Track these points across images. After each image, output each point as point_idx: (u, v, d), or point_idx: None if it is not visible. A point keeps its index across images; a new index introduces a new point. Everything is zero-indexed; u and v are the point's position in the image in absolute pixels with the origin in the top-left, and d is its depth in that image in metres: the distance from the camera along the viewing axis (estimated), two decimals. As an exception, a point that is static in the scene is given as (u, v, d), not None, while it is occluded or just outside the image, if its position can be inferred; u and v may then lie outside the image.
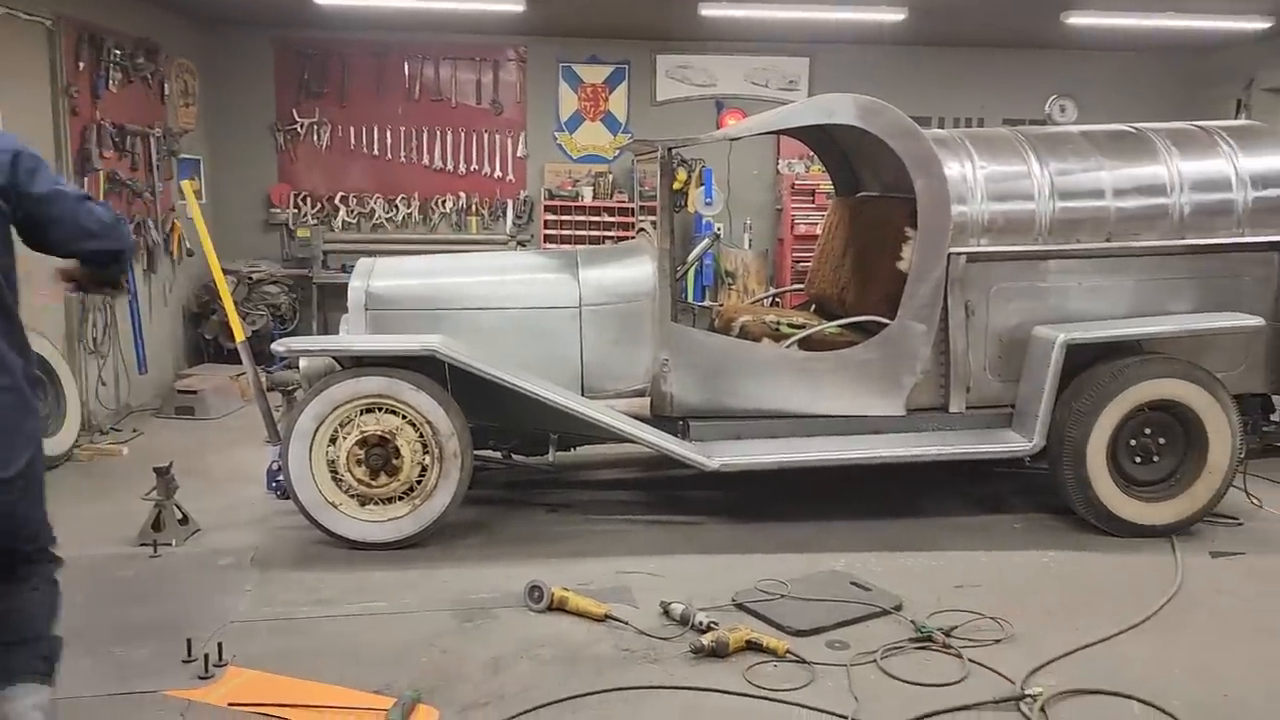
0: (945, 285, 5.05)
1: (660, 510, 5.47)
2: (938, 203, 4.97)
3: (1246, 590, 4.41)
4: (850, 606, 4.12)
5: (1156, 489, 5.02)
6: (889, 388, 5.11)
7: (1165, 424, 5.00)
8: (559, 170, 9.23)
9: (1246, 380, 5.28)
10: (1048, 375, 4.91)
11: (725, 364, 5.08)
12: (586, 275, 5.17)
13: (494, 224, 9.23)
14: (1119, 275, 5.19)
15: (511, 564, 4.59)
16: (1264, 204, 5.19)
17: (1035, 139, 5.31)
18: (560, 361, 5.13)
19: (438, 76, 9.10)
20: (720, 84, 9.22)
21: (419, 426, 4.70)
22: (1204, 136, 5.36)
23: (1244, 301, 5.22)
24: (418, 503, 4.73)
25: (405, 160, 9.13)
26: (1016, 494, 5.67)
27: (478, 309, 5.18)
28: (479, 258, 6.00)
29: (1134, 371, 4.91)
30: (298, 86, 9.03)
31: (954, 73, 9.31)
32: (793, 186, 8.99)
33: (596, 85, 9.22)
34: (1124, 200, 5.14)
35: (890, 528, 5.13)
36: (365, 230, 9.18)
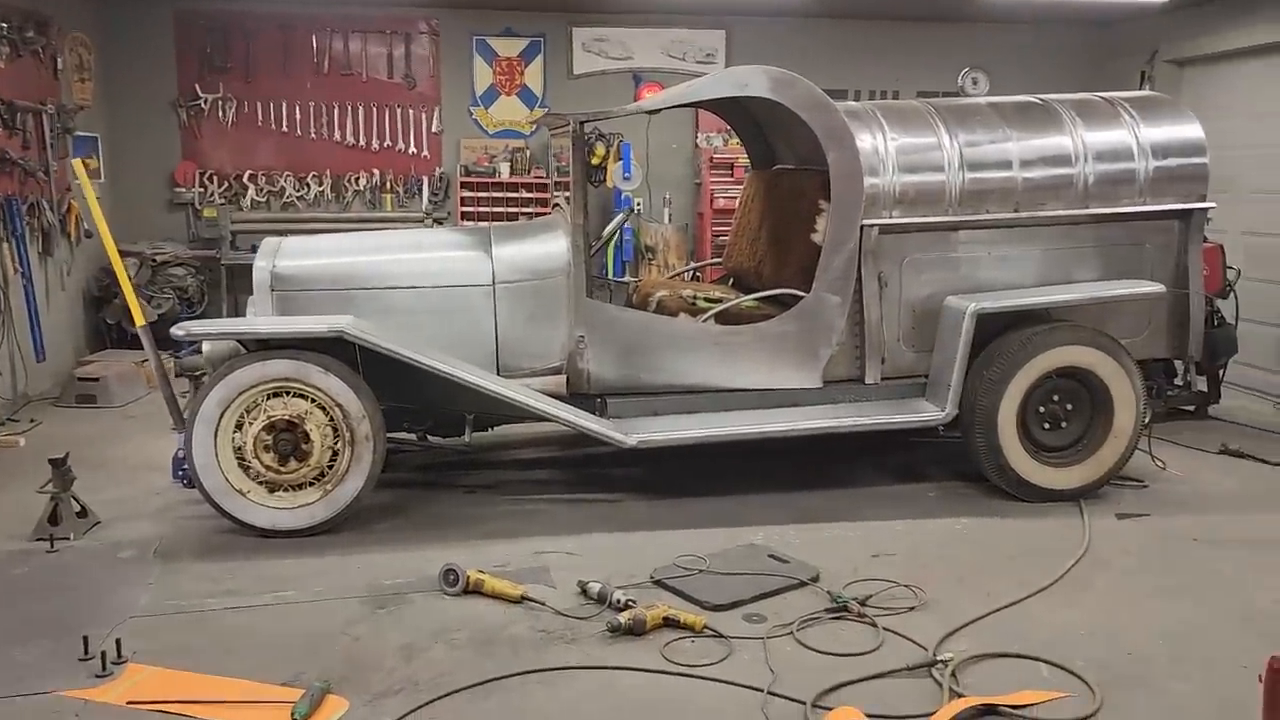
0: (859, 257, 5.08)
1: (579, 489, 5.43)
2: (850, 175, 4.98)
3: (1150, 551, 4.54)
4: (768, 579, 4.13)
5: (1065, 454, 5.13)
6: (805, 360, 5.13)
7: (1073, 390, 5.11)
8: (475, 146, 9.06)
9: (1150, 346, 5.43)
10: (959, 345, 4.98)
11: (642, 340, 5.04)
12: (500, 252, 5.08)
13: (409, 201, 9.04)
14: (1027, 245, 5.27)
15: (427, 548, 4.51)
16: (1164, 173, 5.31)
17: (945, 111, 5.36)
18: (475, 340, 5.04)
19: (347, 50, 8.85)
20: (637, 57, 9.14)
21: (329, 410, 4.58)
22: (1107, 107, 5.45)
23: (1147, 269, 5.36)
24: (329, 488, 4.61)
25: (316, 136, 8.88)
26: (932, 462, 5.75)
27: (389, 288, 5.05)
28: (390, 235, 5.86)
29: (1042, 339, 5.00)
30: (201, 61, 8.70)
31: (869, 46, 9.36)
32: (711, 160, 8.97)
33: (512, 59, 9.06)
34: (1031, 171, 5.22)
35: (808, 499, 5.16)
36: (275, 209, 8.91)
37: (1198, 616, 3.87)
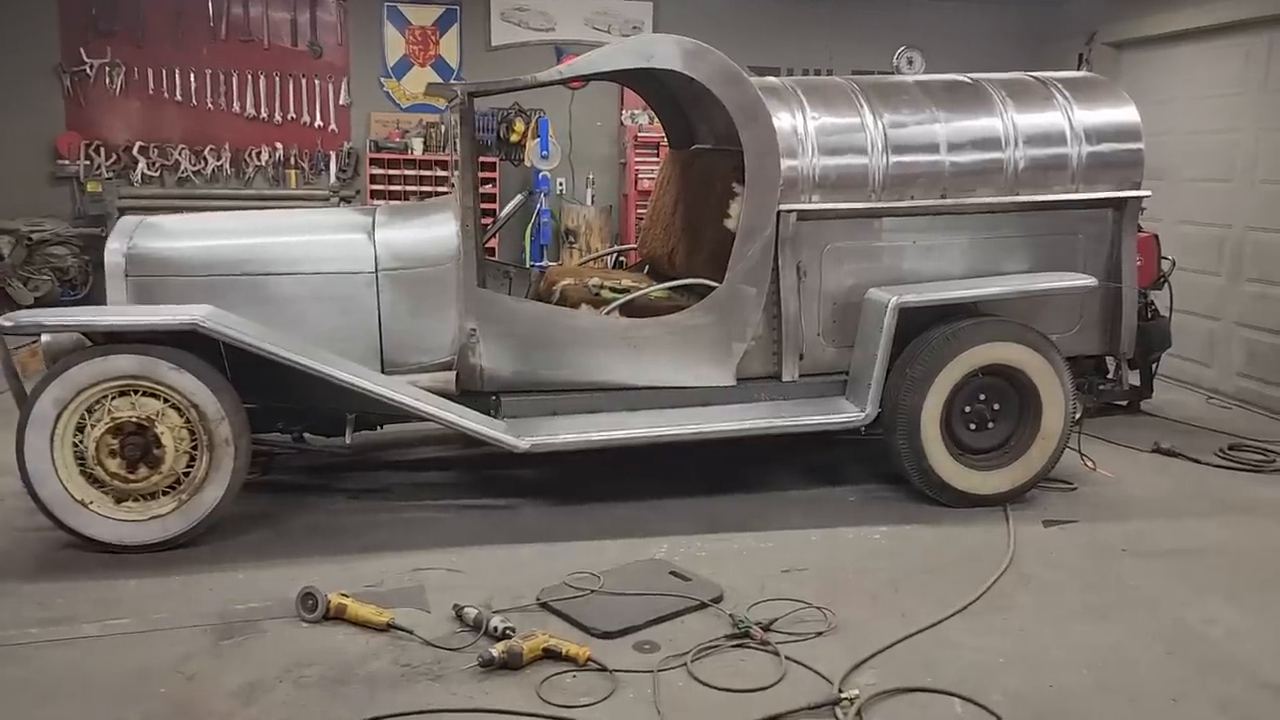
0: (776, 245, 4.71)
1: (471, 493, 5.01)
2: (766, 156, 4.61)
3: (1076, 563, 4.26)
4: (666, 600, 3.76)
5: (991, 457, 4.84)
6: (718, 356, 4.76)
7: (1000, 389, 4.81)
8: (386, 120, 8.55)
9: (1081, 342, 5.15)
10: (881, 341, 4.64)
11: (540, 333, 4.63)
12: (383, 236, 4.63)
13: (315, 178, 8.51)
14: (954, 234, 4.95)
15: (293, 564, 4.07)
16: (1099, 159, 5.01)
17: (869, 89, 5.00)
18: (356, 332, 4.59)
19: (247, 14, 8.27)
20: (560, 28, 8.68)
21: (184, 411, 4.11)
22: (1040, 88, 5.14)
23: (1079, 260, 5.07)
24: (184, 497, 4.14)
25: (214, 107, 8.29)
26: (852, 462, 5.43)
27: (261, 275, 4.58)
28: (263, 216, 5.37)
29: (967, 335, 4.68)
30: (86, 24, 8.06)
31: (803, 22, 9.01)
32: (636, 139, 8.55)
33: (426, 28, 8.54)
34: (959, 155, 4.89)
35: (717, 505, 4.81)
36: (169, 185, 8.33)
37: (1125, 641, 3.58)
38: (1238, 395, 7.02)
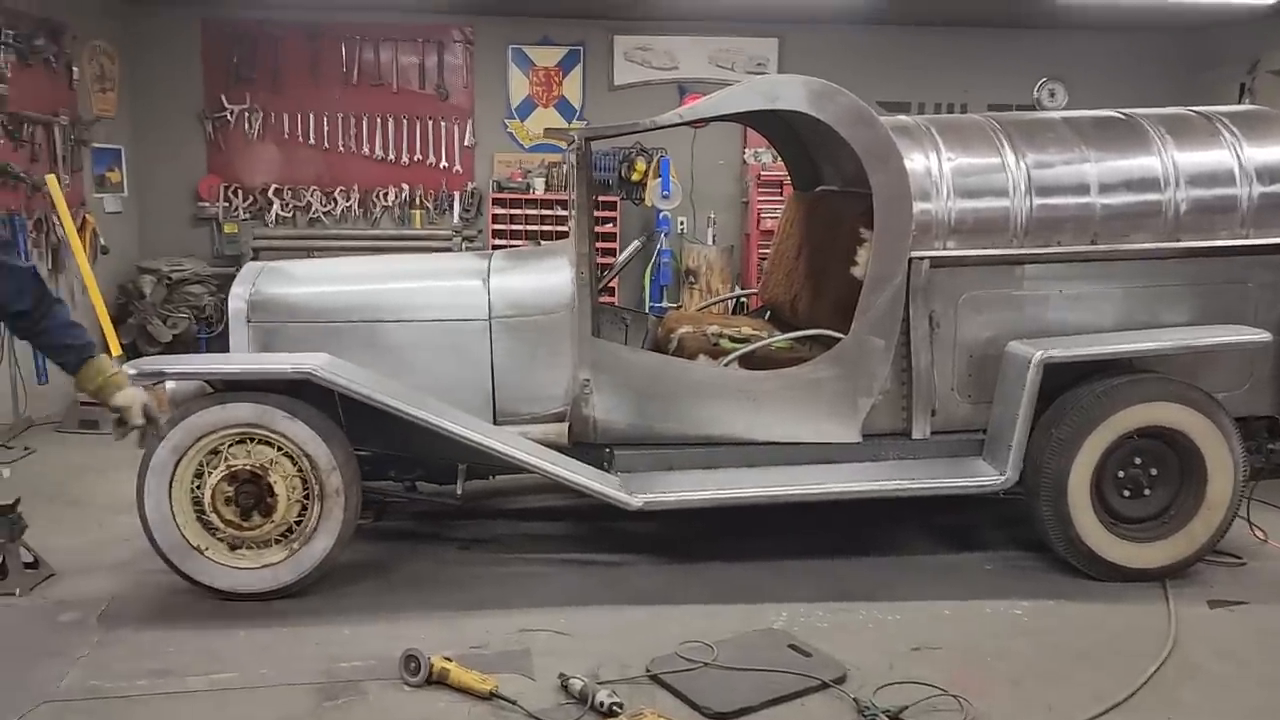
0: (906, 294, 4.42)
1: (581, 547, 4.84)
2: (897, 200, 4.33)
3: (1249, 652, 3.80)
4: (784, 679, 3.49)
5: (1147, 527, 4.40)
6: (842, 411, 4.48)
7: (1158, 453, 4.38)
8: (509, 160, 8.57)
9: (1250, 402, 4.66)
10: (1023, 398, 4.28)
11: (655, 385, 4.45)
12: (498, 282, 4.54)
13: (439, 218, 8.59)
14: (1105, 282, 4.55)
15: (399, 620, 3.97)
16: (1271, 200, 4.55)
17: (1011, 126, 4.67)
18: (469, 381, 4.51)
19: (378, 59, 8.44)
20: (683, 67, 8.56)
21: (296, 460, 4.08)
22: (1203, 124, 4.71)
23: (1248, 312, 4.59)
24: (295, 547, 4.11)
25: (344, 150, 8.48)
26: (989, 525, 5.05)
27: (376, 321, 4.55)
28: (380, 262, 5.37)
29: (1122, 394, 4.28)
30: (227, 71, 8.37)
31: (935, 55, 8.65)
32: (759, 178, 8.34)
33: (549, 69, 8.55)
34: (1111, 197, 4.50)
35: (842, 570, 4.51)
36: (301, 225, 8.53)
37: (1313, 753, 3.14)
38: None
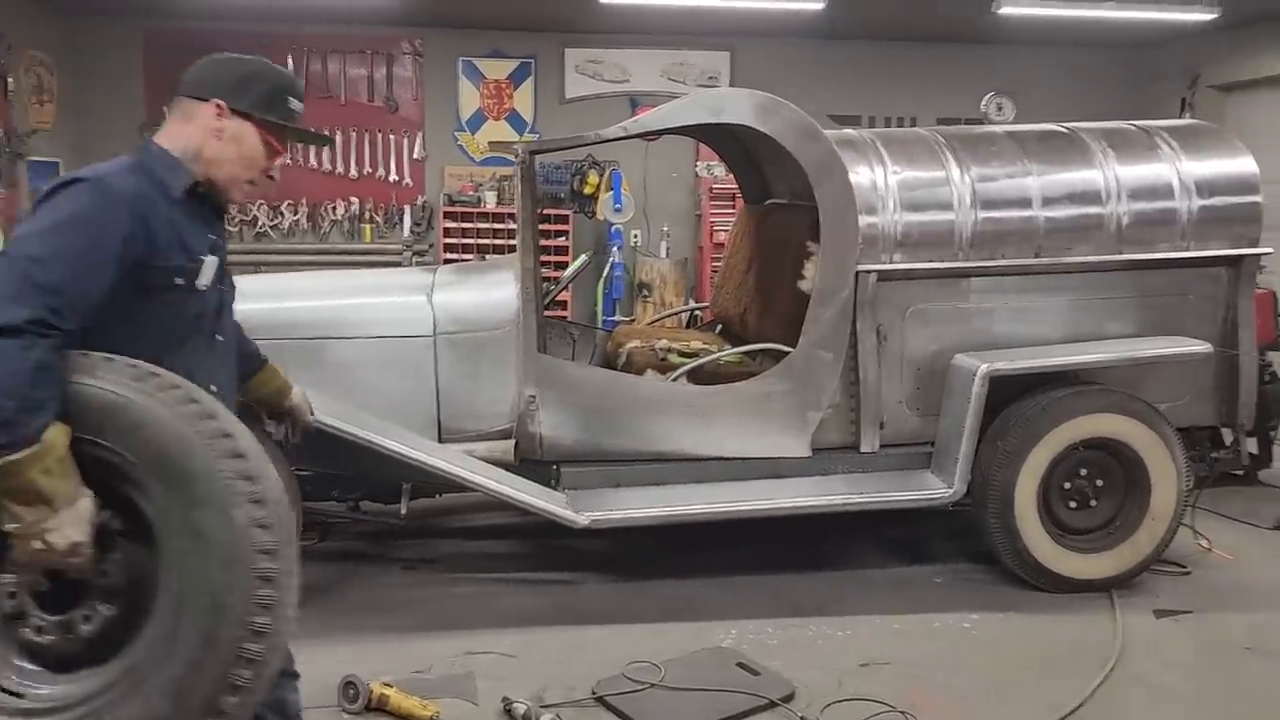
0: (854, 307, 4.42)
1: (528, 566, 4.78)
2: (842, 213, 4.33)
3: (1194, 663, 3.82)
4: (732, 698, 3.45)
5: (1094, 538, 4.42)
6: (792, 425, 4.46)
7: (1103, 464, 4.40)
8: (460, 173, 8.50)
9: (1193, 412, 4.70)
10: (969, 411, 4.29)
11: (602, 401, 4.40)
12: (442, 298, 4.47)
13: (390, 232, 8.49)
14: (1050, 295, 4.58)
15: (339, 645, 3.87)
16: (1211, 213, 4.61)
17: (955, 140, 4.69)
18: (413, 399, 4.42)
19: (325, 71, 8.34)
20: (634, 80, 8.56)
21: (233, 481, 3.96)
22: (1143, 138, 4.77)
23: (1189, 323, 4.64)
24: (232, 571, 3.99)
25: (291, 163, 8.35)
26: (938, 538, 5.06)
27: (317, 338, 4.44)
28: (323, 277, 5.28)
29: (1066, 406, 4.30)
30: (171, 82, 8.13)
31: (885, 69, 8.72)
32: (711, 190, 8.34)
33: (500, 81, 8.51)
34: (1054, 210, 4.53)
35: (792, 585, 4.48)
36: (248, 240, 8.39)
37: (1256, 764, 3.15)
38: (1368, 464, 6.41)
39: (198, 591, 1.83)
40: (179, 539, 1.84)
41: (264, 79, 2.23)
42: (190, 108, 2.18)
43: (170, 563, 1.85)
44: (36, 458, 1.77)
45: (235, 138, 2.19)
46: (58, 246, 1.91)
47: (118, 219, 1.99)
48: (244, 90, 2.18)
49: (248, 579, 1.84)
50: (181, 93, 2.21)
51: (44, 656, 1.90)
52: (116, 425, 1.86)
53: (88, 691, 1.85)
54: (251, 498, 1.87)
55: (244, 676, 1.83)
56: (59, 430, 1.81)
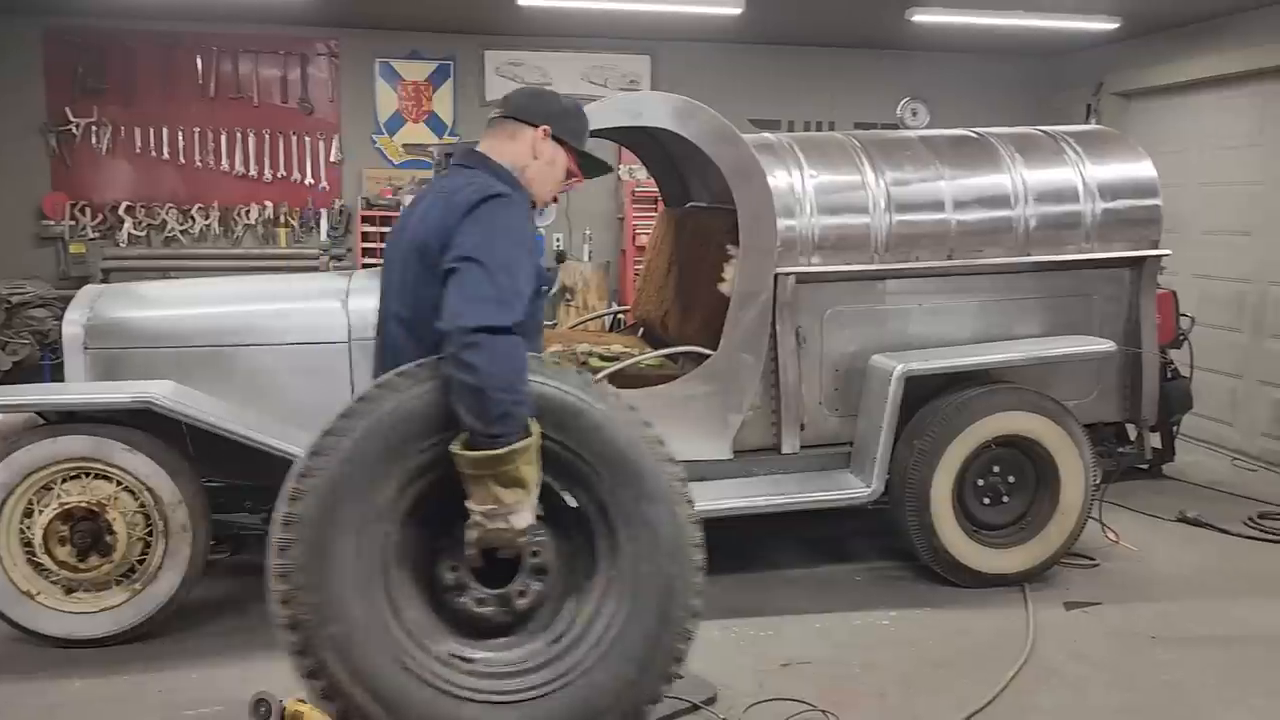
0: (773, 310, 4.45)
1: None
2: (761, 216, 4.36)
3: (1102, 654, 3.93)
4: (654, 702, 3.44)
5: (1007, 533, 4.54)
6: (713, 428, 4.47)
7: (1015, 461, 4.52)
8: (379, 177, 8.34)
9: (1099, 408, 4.86)
10: (886, 411, 4.35)
11: (523, 405, 4.35)
12: (357, 303, 4.38)
13: (306, 236, 8.29)
14: (962, 296, 4.69)
15: (253, 661, 3.76)
16: (1114, 216, 4.76)
17: (870, 145, 4.76)
18: (329, 406, 4.25)
19: (236, 71, 8.10)
20: (556, 83, 8.48)
21: (138, 494, 3.84)
22: (1049, 143, 4.90)
23: (1095, 323, 4.80)
24: (138, 587, 3.86)
25: (202, 165, 8.10)
26: (858, 536, 5.12)
27: (227, 346, 4.32)
28: (233, 283, 5.13)
29: (979, 404, 4.40)
30: (73, 82, 7.90)
31: (804, 74, 8.81)
32: (634, 193, 8.34)
33: (419, 83, 8.37)
34: (965, 213, 4.64)
35: (714, 587, 4.36)
36: (156, 244, 8.11)
37: (1161, 750, 3.25)
38: (1263, 456, 6.69)
39: (652, 575, 2.12)
40: (630, 529, 2.13)
41: (579, 116, 2.57)
42: (516, 129, 2.46)
43: (621, 549, 2.14)
44: (526, 447, 2.03)
45: (550, 160, 2.49)
46: (512, 255, 2.19)
47: (530, 229, 2.32)
48: (564, 122, 2.50)
49: (690, 567, 2.16)
50: (507, 114, 2.49)
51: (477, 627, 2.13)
52: (578, 426, 2.12)
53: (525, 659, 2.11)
54: (686, 497, 2.22)
55: (683, 651, 2.17)
56: (535, 424, 2.06)
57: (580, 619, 2.15)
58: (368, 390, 2.13)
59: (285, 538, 2.00)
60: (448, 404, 2.05)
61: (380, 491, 2.05)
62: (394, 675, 1.99)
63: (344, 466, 2.03)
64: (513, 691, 2.07)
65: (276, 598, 1.99)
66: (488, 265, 2.13)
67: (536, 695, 2.07)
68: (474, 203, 2.23)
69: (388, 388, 2.11)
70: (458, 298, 2.10)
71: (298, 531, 2.00)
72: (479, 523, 2.05)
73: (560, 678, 2.09)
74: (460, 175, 2.42)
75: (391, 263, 2.48)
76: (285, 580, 1.98)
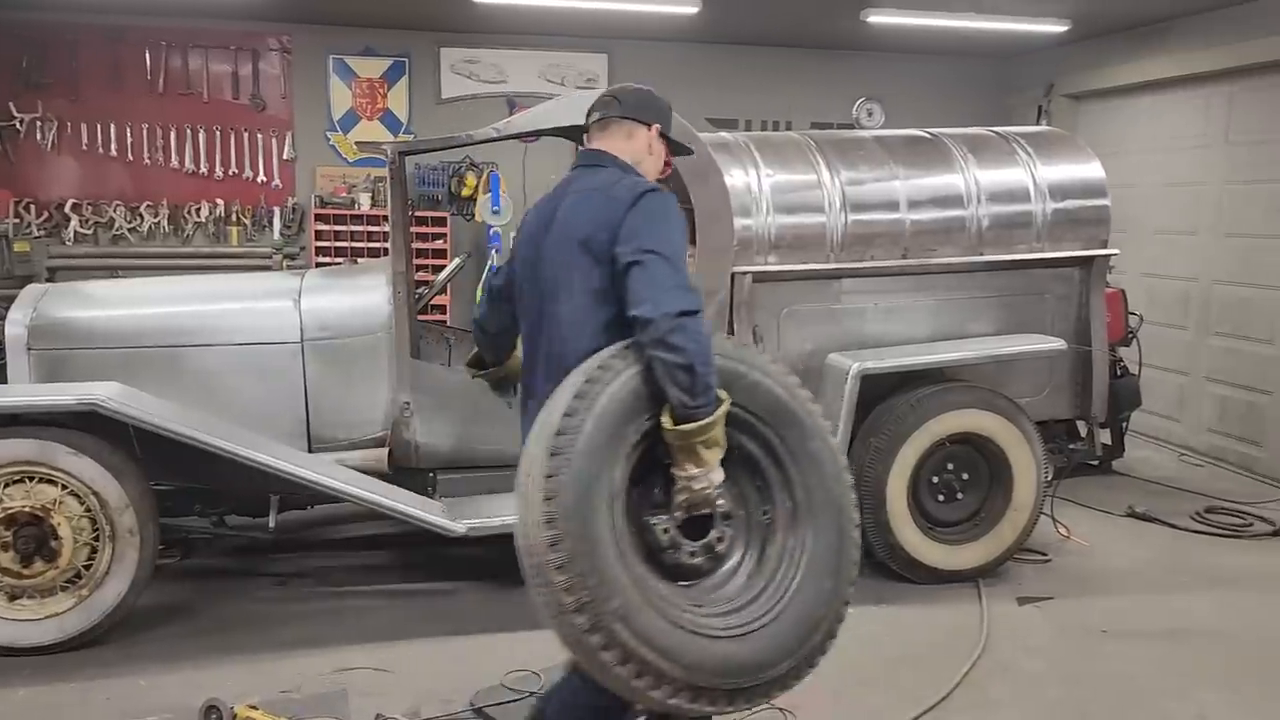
0: (730, 309, 4.46)
1: (406, 576, 4.67)
2: (718, 216, 4.36)
3: (1055, 648, 3.98)
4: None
5: (961, 530, 4.58)
6: (670, 426, 4.46)
7: (968, 458, 4.56)
8: (333, 175, 8.24)
9: (1050, 406, 4.93)
10: (842, 409, 4.38)
11: (480, 406, 4.30)
12: (310, 303, 4.32)
13: (259, 235, 8.17)
14: (917, 295, 4.73)
15: (203, 666, 3.70)
16: (1064, 216, 4.83)
17: (826, 144, 4.79)
18: (281, 407, 4.27)
19: (186, 67, 7.96)
20: (512, 81, 8.45)
21: (84, 499, 3.75)
22: (1001, 144, 4.96)
23: (1046, 321, 4.87)
24: (84, 593, 3.78)
25: (150, 162, 7.95)
26: (817, 535, 5.14)
27: (177, 346, 4.25)
28: (183, 282, 5.05)
29: (933, 402, 4.44)
30: (16, 76, 7.72)
31: (761, 73, 8.85)
32: (591, 193, 8.32)
33: (373, 80, 8.28)
34: (919, 213, 4.68)
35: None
36: (104, 243, 7.95)
37: (1111, 742, 3.30)
38: (1209, 452, 6.83)
39: (826, 500, 2.46)
40: (799, 464, 2.45)
41: (672, 114, 2.79)
42: (633, 128, 2.68)
43: (793, 482, 2.45)
44: (724, 413, 2.29)
45: (658, 155, 2.73)
46: (681, 245, 2.46)
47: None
48: (667, 119, 2.74)
49: (847, 487, 2.50)
50: (622, 115, 2.69)
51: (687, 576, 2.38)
52: (741, 386, 2.38)
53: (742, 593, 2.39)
54: (829, 430, 2.53)
55: (859, 558, 2.50)
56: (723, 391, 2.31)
57: (773, 549, 2.45)
58: (590, 373, 2.29)
59: (554, 533, 2.16)
60: (652, 383, 2.26)
61: (613, 470, 2.25)
62: (668, 631, 2.22)
63: (587, 453, 2.21)
64: (750, 622, 2.34)
65: (559, 587, 2.17)
66: (669, 257, 2.36)
67: (768, 620, 2.35)
68: (636, 196, 2.45)
69: (606, 369, 2.29)
70: (652, 288, 2.30)
71: (563, 526, 2.17)
72: (687, 486, 2.30)
73: (779, 601, 2.37)
74: (598, 173, 2.60)
75: (540, 260, 2.61)
76: (564, 571, 2.16)
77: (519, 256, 2.74)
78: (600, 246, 2.44)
